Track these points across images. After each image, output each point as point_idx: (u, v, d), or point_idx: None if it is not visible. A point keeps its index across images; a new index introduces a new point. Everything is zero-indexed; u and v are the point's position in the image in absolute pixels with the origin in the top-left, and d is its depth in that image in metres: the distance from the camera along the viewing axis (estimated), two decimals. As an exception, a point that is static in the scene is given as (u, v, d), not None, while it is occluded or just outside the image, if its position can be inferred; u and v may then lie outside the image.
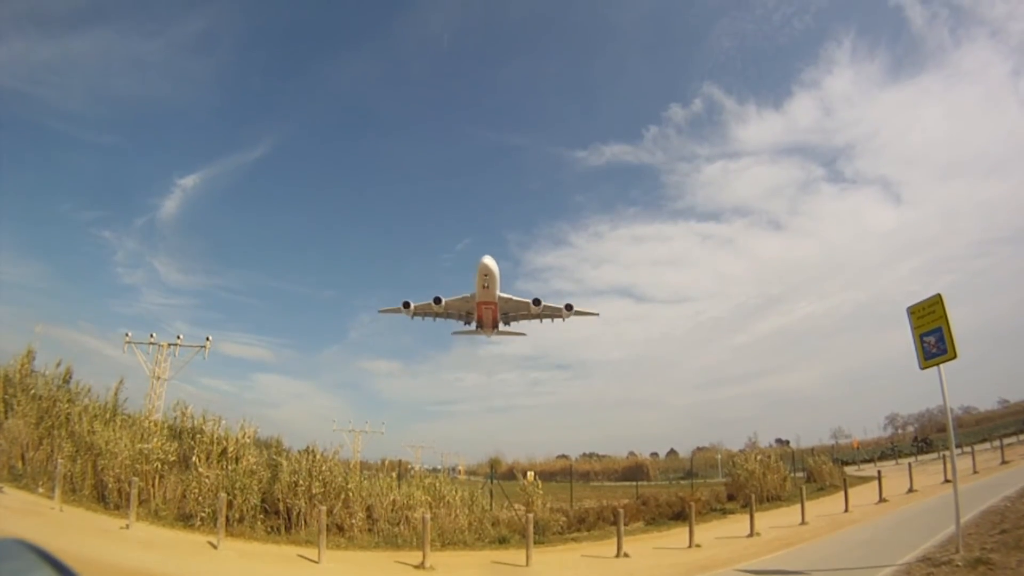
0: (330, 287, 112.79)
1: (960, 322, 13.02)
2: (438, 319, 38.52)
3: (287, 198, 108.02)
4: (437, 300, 36.76)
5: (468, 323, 39.08)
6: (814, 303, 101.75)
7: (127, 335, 31.10)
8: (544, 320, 38.28)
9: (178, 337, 31.83)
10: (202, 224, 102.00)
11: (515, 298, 37.09)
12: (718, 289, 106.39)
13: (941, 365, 11.54)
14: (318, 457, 18.35)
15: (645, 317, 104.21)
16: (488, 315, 37.59)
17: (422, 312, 37.65)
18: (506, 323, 39.17)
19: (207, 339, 32.26)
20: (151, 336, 31.48)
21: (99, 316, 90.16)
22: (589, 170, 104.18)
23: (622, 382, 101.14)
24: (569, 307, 37.29)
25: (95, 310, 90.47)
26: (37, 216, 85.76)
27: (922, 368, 12.03)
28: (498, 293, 36.30)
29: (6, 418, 17.79)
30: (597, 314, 38.66)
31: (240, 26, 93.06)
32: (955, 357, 11.33)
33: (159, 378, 30.34)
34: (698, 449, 54.00)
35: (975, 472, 24.80)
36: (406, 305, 36.90)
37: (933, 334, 11.78)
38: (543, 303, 36.91)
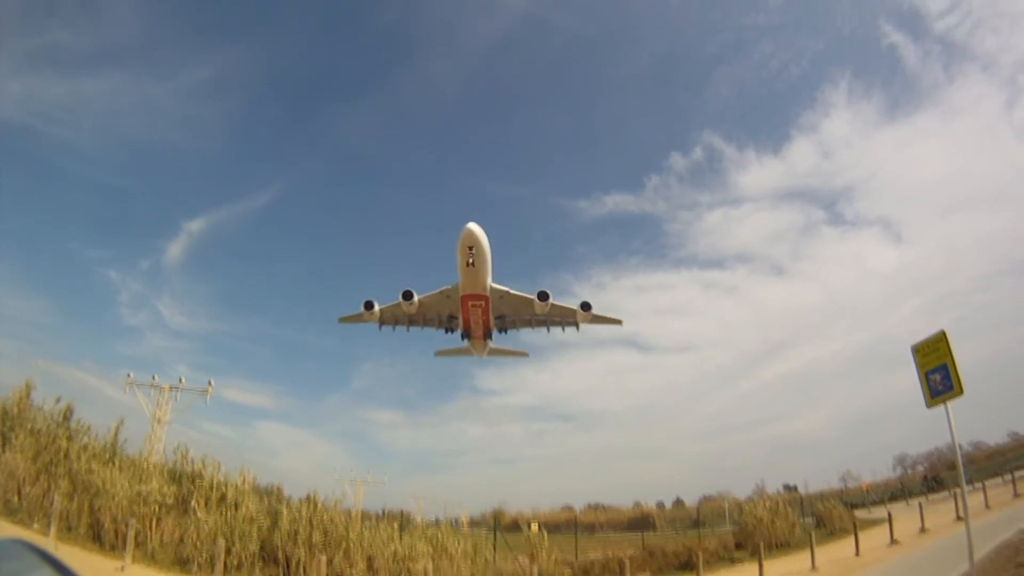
0: (332, 336, 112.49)
1: (966, 357, 13.35)
2: (413, 327, 30.97)
3: (291, 246, 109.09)
4: (407, 295, 28.73)
5: (451, 330, 31.35)
6: (818, 347, 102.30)
7: (129, 376, 30.96)
8: (553, 328, 30.69)
9: (180, 380, 31.63)
10: (207, 269, 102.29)
11: (513, 291, 29.12)
12: (722, 337, 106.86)
13: (948, 402, 11.73)
14: (319, 506, 18.07)
15: (649, 366, 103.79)
16: (478, 317, 29.78)
17: (391, 318, 30.20)
18: (502, 331, 31.34)
19: (209, 383, 32.10)
20: (153, 378, 31.33)
21: (102, 355, 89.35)
22: (592, 220, 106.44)
23: (627, 432, 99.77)
24: (586, 307, 29.08)
25: (98, 349, 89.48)
26: (44, 252, 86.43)
27: (929, 407, 12.14)
28: (490, 282, 28.52)
29: (3, 452, 17.39)
30: (620, 321, 30.65)
31: (249, 75, 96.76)
32: (962, 394, 11.49)
33: (160, 421, 29.81)
34: (705, 498, 52.72)
35: (987, 507, 24.64)
36: (368, 307, 29.07)
37: (939, 371, 12.02)
38: (551, 300, 28.72)
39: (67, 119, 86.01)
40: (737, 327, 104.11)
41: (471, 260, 26.62)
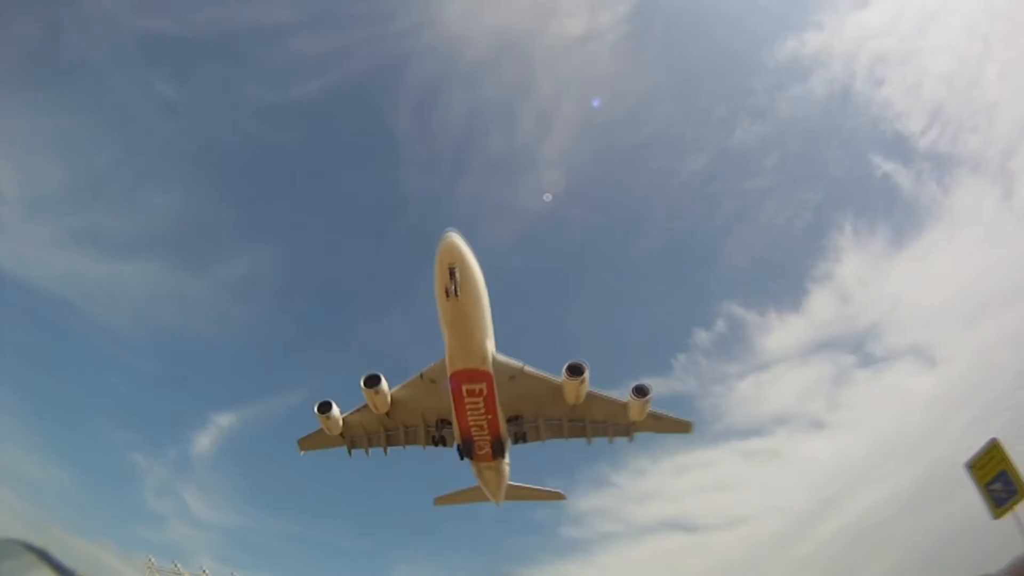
0: (364, 535, 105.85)
1: (1025, 456, 13.58)
2: (394, 447, 22.37)
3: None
4: (371, 380, 20.30)
5: (442, 442, 21.96)
6: (872, 492, 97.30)
7: (149, 560, 28.97)
8: (595, 438, 22.01)
9: (203, 572, 29.60)
10: (236, 463, 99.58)
11: (530, 368, 20.70)
12: (771, 503, 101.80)
13: (1016, 508, 12.51)
14: None
15: (699, 546, 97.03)
16: (479, 415, 20.62)
17: (361, 431, 21.87)
18: (520, 439, 21.82)
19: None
20: (175, 565, 29.33)
21: (122, 535, 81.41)
22: None
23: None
24: (641, 391, 20.54)
25: (118, 528, 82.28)
26: (70, 425, 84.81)
27: (995, 518, 12.88)
28: (491, 348, 19.97)
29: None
30: (689, 425, 22.31)
31: (279, 276, 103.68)
32: (1026, 495, 12.41)
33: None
34: None
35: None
36: (324, 410, 20.79)
37: (998, 480, 12.93)
38: (587, 379, 20.35)
39: (104, 300, 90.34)
40: (785, 490, 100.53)
41: (454, 288, 17.69)
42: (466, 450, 21.70)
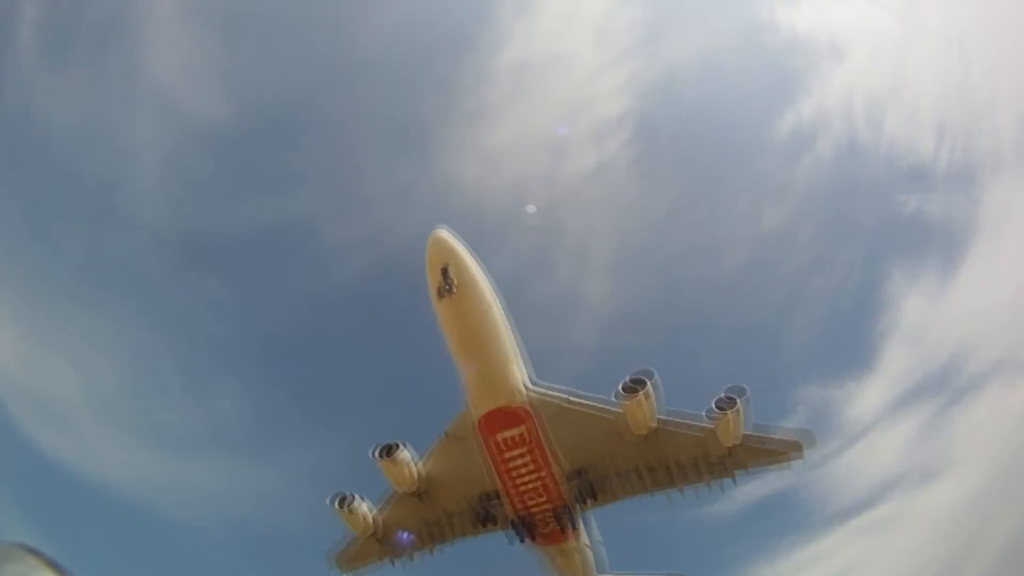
0: None
1: None
2: (439, 542, 17.63)
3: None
4: (387, 451, 16.16)
5: (490, 522, 16.80)
6: (1012, 516, 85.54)
7: None
8: (687, 486, 16.82)
9: None
10: None
11: (576, 399, 16.30)
12: (907, 569, 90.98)
13: None
14: None
15: None
16: (527, 472, 15.67)
17: (398, 528, 17.19)
18: (589, 499, 16.34)
19: None
20: None
21: None
22: (727, 518, 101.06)
23: None
24: (728, 402, 16.34)
25: None
26: None
27: None
28: (520, 375, 15.96)
29: None
30: (800, 448, 17.87)
31: (347, 457, 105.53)
32: None
33: None
34: None
35: None
36: (342, 503, 16.86)
37: None
38: (652, 397, 15.96)
39: (176, 495, 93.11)
40: (918, 551, 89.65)
41: (450, 286, 14.48)
42: (524, 528, 16.15)
